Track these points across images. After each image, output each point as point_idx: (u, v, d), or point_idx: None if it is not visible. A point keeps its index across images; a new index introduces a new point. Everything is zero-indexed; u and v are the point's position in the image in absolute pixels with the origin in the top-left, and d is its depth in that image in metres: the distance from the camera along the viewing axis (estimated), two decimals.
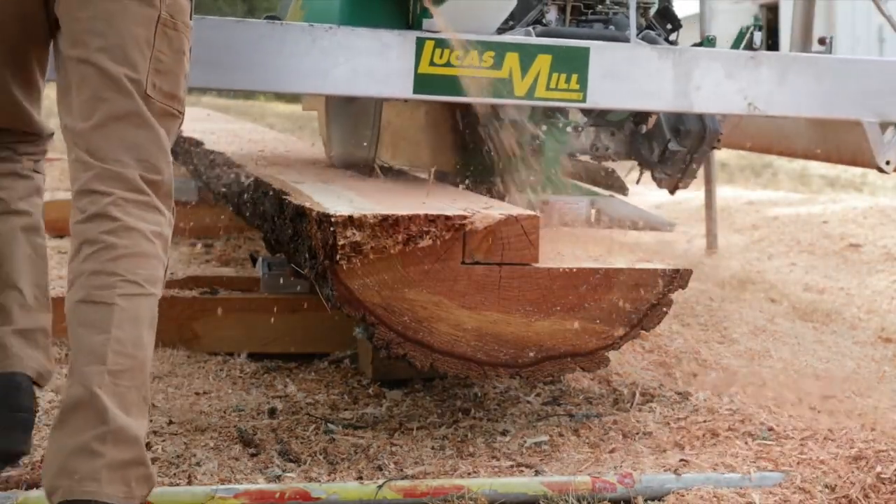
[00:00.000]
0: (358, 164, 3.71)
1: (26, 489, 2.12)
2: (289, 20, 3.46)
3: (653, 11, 3.81)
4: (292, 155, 4.28)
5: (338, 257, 2.32)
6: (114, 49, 2.00)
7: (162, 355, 3.26)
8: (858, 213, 6.84)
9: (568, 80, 3.16)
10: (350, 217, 2.32)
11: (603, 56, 3.19)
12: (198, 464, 2.37)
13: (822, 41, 3.92)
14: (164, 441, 2.51)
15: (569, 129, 3.82)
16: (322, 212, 2.38)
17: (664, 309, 2.53)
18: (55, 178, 6.83)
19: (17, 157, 2.30)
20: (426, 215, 2.36)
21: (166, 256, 2.04)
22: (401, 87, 3.06)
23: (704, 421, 2.63)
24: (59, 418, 1.88)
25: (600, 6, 3.68)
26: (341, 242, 2.31)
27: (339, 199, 2.64)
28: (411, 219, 2.34)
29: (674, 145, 3.88)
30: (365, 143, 3.69)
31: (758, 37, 3.39)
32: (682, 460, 2.36)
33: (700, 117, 3.83)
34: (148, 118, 2.03)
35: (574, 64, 3.15)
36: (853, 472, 2.25)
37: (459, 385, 3.01)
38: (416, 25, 3.10)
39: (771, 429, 2.55)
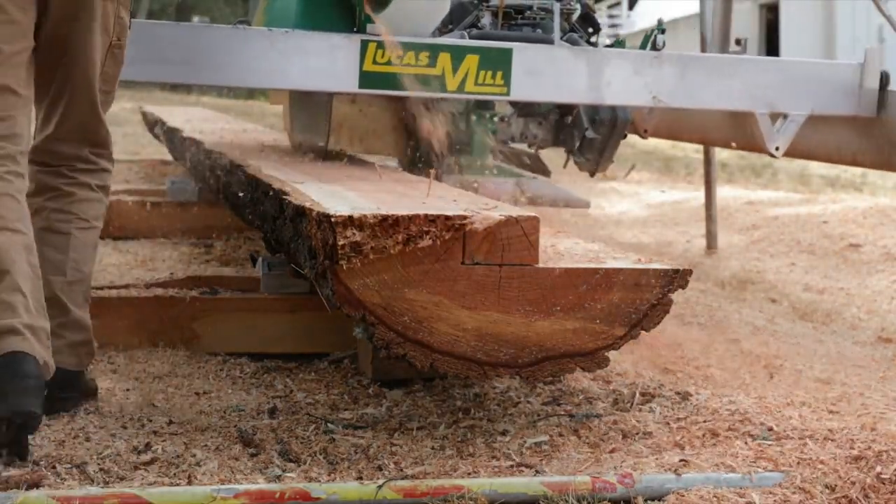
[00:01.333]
0: (314, 150, 4.09)
1: (26, 489, 2.12)
2: (254, 24, 3.90)
3: (575, 16, 4.19)
4: (292, 154, 4.28)
5: (338, 257, 2.32)
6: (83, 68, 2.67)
7: (162, 355, 3.26)
8: (858, 213, 6.83)
9: (494, 77, 3.59)
10: (350, 217, 2.31)
11: (525, 55, 3.63)
12: (198, 464, 2.36)
13: (738, 42, 4.44)
14: (164, 441, 2.51)
15: (495, 119, 4.29)
16: (322, 212, 2.38)
17: (664, 309, 2.53)
18: None
19: (12, 177, 2.47)
20: (426, 215, 2.35)
21: (107, 199, 2.83)
22: (348, 82, 3.51)
23: (704, 421, 2.63)
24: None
25: (528, 11, 4.06)
26: (341, 242, 2.31)
27: (339, 199, 2.64)
28: (411, 219, 2.34)
29: (590, 133, 4.33)
30: (320, 133, 4.06)
31: (660, 39, 3.83)
32: (682, 460, 2.36)
33: (612, 109, 4.25)
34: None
35: (499, 62, 3.59)
36: (853, 472, 2.25)
37: (459, 385, 3.01)
38: (360, 29, 3.52)
39: (771, 429, 2.55)
